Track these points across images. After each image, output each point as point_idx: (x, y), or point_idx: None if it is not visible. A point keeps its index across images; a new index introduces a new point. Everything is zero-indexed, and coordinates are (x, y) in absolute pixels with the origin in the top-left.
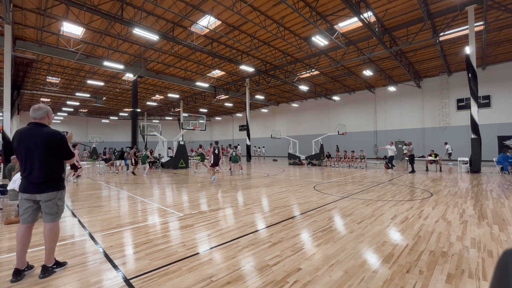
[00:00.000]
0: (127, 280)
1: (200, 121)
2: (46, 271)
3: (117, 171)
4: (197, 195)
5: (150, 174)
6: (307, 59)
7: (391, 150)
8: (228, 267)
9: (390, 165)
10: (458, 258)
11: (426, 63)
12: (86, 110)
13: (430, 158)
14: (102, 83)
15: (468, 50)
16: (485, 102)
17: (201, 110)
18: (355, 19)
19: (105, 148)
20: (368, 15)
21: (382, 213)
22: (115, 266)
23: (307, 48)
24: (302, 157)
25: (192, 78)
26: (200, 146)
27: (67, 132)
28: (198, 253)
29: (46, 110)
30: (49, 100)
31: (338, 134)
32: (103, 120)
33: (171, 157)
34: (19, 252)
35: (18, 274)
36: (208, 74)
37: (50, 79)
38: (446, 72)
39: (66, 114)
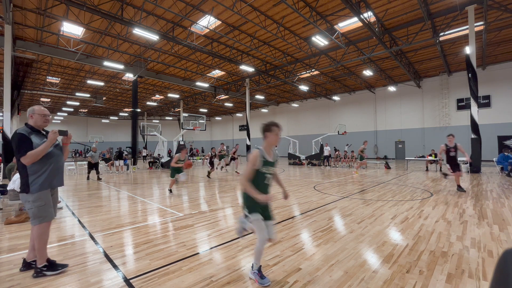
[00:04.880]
0: (127, 280)
1: (200, 121)
2: (35, 270)
3: (117, 171)
4: (197, 195)
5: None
6: (307, 59)
7: (326, 150)
8: (228, 267)
9: (327, 163)
10: (458, 258)
11: (426, 63)
12: (86, 110)
13: (430, 158)
14: (102, 83)
15: (468, 50)
16: (485, 102)
17: (201, 110)
18: (355, 19)
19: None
20: (368, 15)
21: (382, 213)
22: (115, 266)
23: (307, 48)
24: (302, 157)
25: (192, 78)
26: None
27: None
28: (198, 253)
29: (29, 110)
30: (49, 100)
31: (338, 134)
32: (103, 120)
33: (171, 157)
34: (31, 247)
35: (27, 265)
36: (208, 74)
37: (50, 79)
38: (446, 72)
39: (66, 114)
